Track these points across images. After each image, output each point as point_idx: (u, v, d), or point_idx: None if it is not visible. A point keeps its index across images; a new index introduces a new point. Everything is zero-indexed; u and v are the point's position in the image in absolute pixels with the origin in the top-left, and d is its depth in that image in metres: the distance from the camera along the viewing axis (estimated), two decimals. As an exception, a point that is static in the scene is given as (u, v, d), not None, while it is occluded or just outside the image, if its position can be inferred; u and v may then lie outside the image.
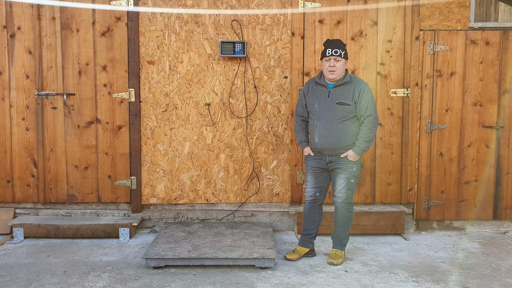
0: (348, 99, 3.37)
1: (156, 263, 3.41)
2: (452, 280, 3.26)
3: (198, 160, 4.32)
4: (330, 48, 3.36)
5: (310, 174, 3.60)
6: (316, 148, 3.51)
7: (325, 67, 3.39)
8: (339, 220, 3.57)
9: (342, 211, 3.54)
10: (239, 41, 4.12)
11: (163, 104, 4.27)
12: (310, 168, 3.60)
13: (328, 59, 3.36)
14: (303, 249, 3.68)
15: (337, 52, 3.34)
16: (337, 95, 3.40)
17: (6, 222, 4.24)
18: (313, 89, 3.53)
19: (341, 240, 3.62)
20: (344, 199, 3.49)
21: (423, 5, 4.25)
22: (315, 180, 3.59)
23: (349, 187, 3.47)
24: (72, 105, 4.25)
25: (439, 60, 4.29)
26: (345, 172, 3.45)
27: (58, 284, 3.15)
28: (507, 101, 4.33)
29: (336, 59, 3.34)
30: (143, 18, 4.20)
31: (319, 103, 3.45)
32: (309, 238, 3.70)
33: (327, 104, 3.41)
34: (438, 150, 4.36)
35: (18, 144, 4.27)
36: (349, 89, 3.39)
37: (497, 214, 4.42)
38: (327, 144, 3.42)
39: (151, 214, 4.38)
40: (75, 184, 4.31)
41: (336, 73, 3.36)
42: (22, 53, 4.20)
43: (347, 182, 3.46)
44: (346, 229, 3.60)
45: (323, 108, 3.43)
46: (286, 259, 3.63)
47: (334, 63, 3.34)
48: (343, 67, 3.39)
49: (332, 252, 3.62)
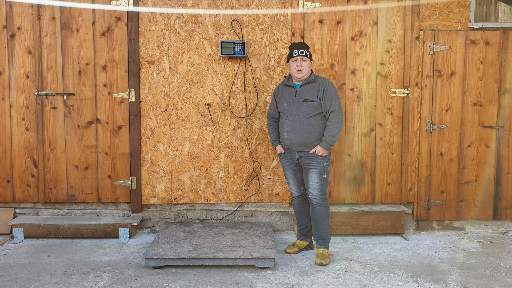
0: (314, 96, 3.53)
1: (156, 263, 3.41)
2: (452, 280, 3.26)
3: (198, 160, 4.32)
4: (296, 50, 3.56)
5: (288, 171, 3.76)
6: (286, 144, 3.66)
7: (293, 67, 3.57)
8: (317, 217, 3.63)
9: (318, 207, 3.61)
10: (239, 41, 4.12)
11: (163, 104, 4.27)
12: (286, 166, 3.76)
13: (295, 59, 3.55)
14: (303, 243, 3.84)
15: (303, 52, 3.54)
16: (303, 93, 3.57)
17: (6, 222, 4.24)
18: (282, 90, 3.71)
19: (324, 238, 3.66)
20: (319, 195, 3.58)
21: (423, 5, 4.25)
22: (294, 176, 3.74)
23: (322, 182, 3.57)
24: (72, 105, 4.25)
25: (439, 60, 4.29)
26: (316, 168, 3.55)
27: (58, 284, 3.15)
28: (507, 101, 4.33)
29: (303, 59, 3.53)
30: (143, 18, 4.20)
31: (287, 102, 3.62)
32: (306, 232, 3.85)
33: (295, 102, 3.57)
34: (438, 150, 4.36)
35: (18, 144, 4.27)
36: (314, 87, 3.56)
37: (497, 214, 4.42)
38: (295, 140, 3.56)
39: (151, 214, 4.38)
40: (75, 184, 4.31)
41: (303, 72, 3.54)
42: (22, 53, 4.20)
43: (319, 177, 3.56)
44: (326, 226, 3.66)
45: (291, 106, 3.59)
46: (286, 252, 3.80)
47: (301, 63, 3.52)
48: (309, 67, 3.57)
49: (319, 252, 3.64)
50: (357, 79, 4.28)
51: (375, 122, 4.33)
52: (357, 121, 4.31)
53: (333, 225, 4.18)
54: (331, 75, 4.26)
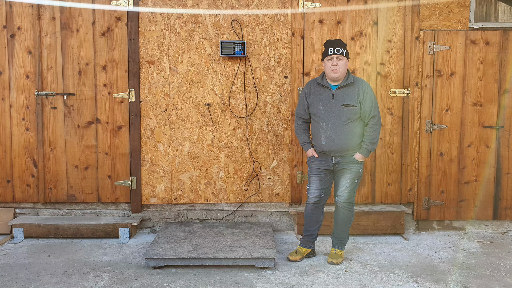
0: (354, 100, 3.36)
1: (156, 263, 3.41)
2: (452, 280, 3.26)
3: (198, 160, 4.32)
4: (332, 47, 3.34)
5: (314, 176, 3.56)
6: (323, 150, 3.47)
7: (328, 66, 3.36)
8: (339, 220, 3.57)
9: (343, 211, 3.54)
10: (239, 41, 4.12)
11: (163, 104, 4.27)
12: (314, 170, 3.55)
13: (331, 58, 3.34)
14: (305, 250, 3.67)
15: (339, 50, 3.32)
16: (341, 96, 3.38)
17: (6, 222, 4.24)
18: (315, 90, 3.48)
19: (341, 239, 3.62)
20: (346, 199, 3.50)
21: (423, 5, 4.25)
22: (320, 182, 3.55)
23: (352, 187, 3.48)
24: (72, 105, 4.25)
25: (439, 60, 4.29)
26: (351, 173, 3.46)
27: (58, 284, 3.15)
28: (507, 101, 4.33)
29: (339, 58, 3.33)
30: (143, 18, 4.20)
31: (323, 105, 3.41)
32: (311, 239, 3.68)
33: (332, 106, 3.38)
34: (438, 150, 4.36)
35: (18, 144, 4.27)
36: (353, 90, 3.38)
37: (497, 214, 4.42)
38: (334, 146, 3.40)
39: (151, 214, 4.38)
40: (75, 184, 4.31)
41: (339, 72, 3.33)
42: (22, 53, 4.20)
43: (351, 182, 3.47)
44: (347, 229, 3.60)
45: (328, 110, 3.39)
46: (289, 260, 3.60)
47: (337, 62, 3.32)
48: (345, 66, 3.36)
49: (332, 252, 3.62)
50: (357, 79, 4.28)
51: (375, 122, 4.32)
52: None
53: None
54: (331, 75, 4.27)
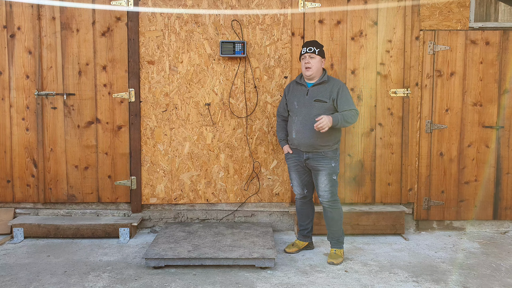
0: (326, 97, 3.49)
1: (156, 263, 3.41)
2: (452, 280, 3.26)
3: (198, 160, 4.32)
4: (305, 47, 3.54)
5: (293, 172, 3.72)
6: (294, 144, 3.61)
7: (302, 65, 3.56)
8: (329, 219, 3.62)
9: (330, 210, 3.58)
10: (239, 41, 4.12)
11: (163, 104, 4.27)
12: (292, 167, 3.71)
13: (304, 57, 3.53)
14: (302, 243, 3.83)
15: (311, 49, 3.50)
16: (315, 93, 3.53)
17: (6, 222, 4.24)
18: (293, 89, 3.67)
19: (337, 238, 3.64)
20: (329, 197, 3.55)
21: (423, 5, 4.25)
22: (299, 178, 3.69)
23: (331, 184, 3.53)
24: (72, 105, 4.25)
25: (439, 60, 4.29)
26: (325, 169, 3.52)
27: (58, 284, 3.15)
28: (507, 101, 4.33)
29: (311, 56, 3.49)
30: (143, 18, 4.20)
31: (298, 100, 3.57)
32: (306, 233, 3.84)
33: (305, 101, 3.53)
34: (438, 150, 4.36)
35: (18, 144, 4.27)
36: (326, 88, 3.52)
37: (497, 214, 4.42)
38: (303, 140, 3.51)
39: (151, 214, 4.38)
40: (75, 184, 4.31)
41: (311, 69, 3.49)
42: (22, 53, 4.20)
43: (329, 179, 3.52)
44: (339, 227, 3.63)
45: (301, 105, 3.54)
46: (286, 252, 3.79)
47: (309, 60, 3.49)
48: (318, 64, 3.51)
49: (332, 252, 3.64)
50: (357, 79, 4.28)
51: (375, 122, 4.33)
52: (357, 121, 4.31)
53: (333, 225, 4.18)
54: (331, 75, 4.26)
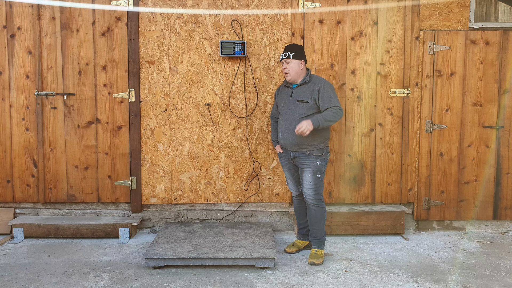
0: (307, 96, 3.51)
1: (156, 263, 3.41)
2: (452, 280, 3.26)
3: (198, 160, 4.32)
4: (282, 53, 3.58)
5: (286, 171, 3.80)
6: (282, 144, 3.69)
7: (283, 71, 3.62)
8: (312, 217, 3.62)
9: (313, 208, 3.59)
10: (239, 41, 4.12)
11: (163, 104, 4.27)
12: (284, 165, 3.79)
13: (282, 63, 3.59)
14: (302, 242, 3.84)
15: (286, 54, 3.53)
16: (298, 93, 3.57)
17: (6, 222, 4.24)
18: (282, 91, 3.74)
19: (318, 238, 3.64)
20: (313, 195, 3.56)
21: (423, 5, 4.25)
22: (292, 176, 3.76)
23: (315, 182, 3.55)
24: (72, 105, 4.25)
25: (439, 60, 4.29)
26: (310, 168, 3.54)
27: (58, 284, 3.15)
28: (507, 101, 4.33)
29: (286, 61, 3.54)
30: (143, 18, 4.20)
31: (284, 102, 3.65)
32: (305, 231, 3.84)
33: (290, 102, 3.59)
34: (438, 150, 4.36)
35: (18, 144, 4.27)
36: (309, 87, 3.55)
37: (497, 214, 4.42)
38: (288, 139, 3.57)
39: (151, 214, 4.38)
40: (75, 184, 4.31)
41: (290, 74, 3.55)
42: (22, 53, 4.20)
43: (313, 177, 3.54)
44: (322, 226, 3.63)
45: (286, 106, 3.61)
46: (286, 252, 3.80)
47: (286, 66, 3.55)
48: (296, 67, 3.53)
49: (313, 252, 3.63)
50: (357, 79, 4.28)
51: (375, 122, 4.33)
52: (357, 121, 4.31)
53: (333, 225, 4.18)
54: (331, 75, 4.27)
